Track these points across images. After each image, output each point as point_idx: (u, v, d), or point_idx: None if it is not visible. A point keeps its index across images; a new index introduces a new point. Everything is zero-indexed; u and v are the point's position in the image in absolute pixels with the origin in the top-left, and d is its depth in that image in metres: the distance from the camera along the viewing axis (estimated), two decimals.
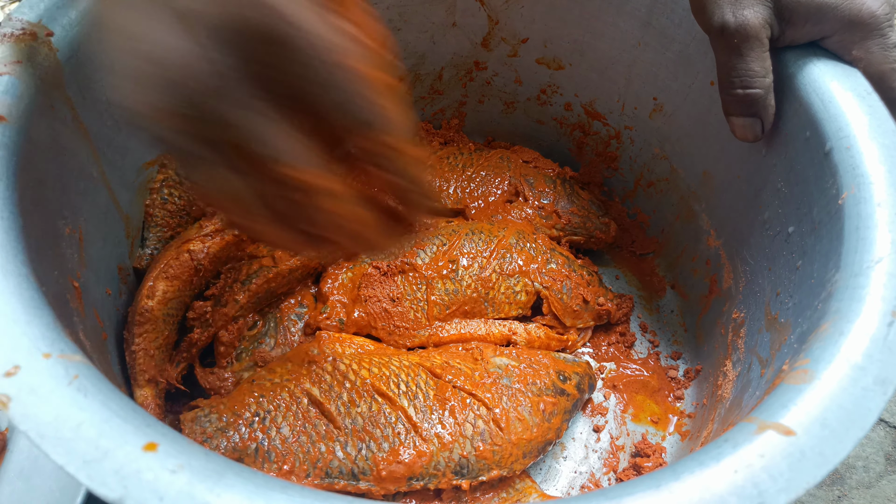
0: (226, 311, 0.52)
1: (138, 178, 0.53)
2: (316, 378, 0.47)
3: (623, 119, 0.65)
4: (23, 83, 0.37)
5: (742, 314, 0.51)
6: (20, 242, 0.33)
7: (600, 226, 0.65)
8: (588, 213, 0.65)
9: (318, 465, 0.44)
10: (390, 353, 0.51)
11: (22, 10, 0.40)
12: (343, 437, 0.45)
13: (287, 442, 0.44)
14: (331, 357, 0.49)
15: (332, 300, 0.54)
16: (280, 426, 0.45)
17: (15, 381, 0.27)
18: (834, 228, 0.38)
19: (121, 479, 0.25)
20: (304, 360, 0.49)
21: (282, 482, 0.26)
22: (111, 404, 0.27)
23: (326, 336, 0.51)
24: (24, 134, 0.36)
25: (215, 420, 0.45)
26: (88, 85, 0.44)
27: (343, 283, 0.54)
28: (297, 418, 0.45)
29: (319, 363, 0.48)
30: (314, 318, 0.53)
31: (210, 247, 0.52)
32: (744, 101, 0.44)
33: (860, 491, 0.59)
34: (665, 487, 0.27)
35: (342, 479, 0.44)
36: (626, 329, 0.62)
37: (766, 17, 0.42)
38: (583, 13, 0.60)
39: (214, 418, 0.45)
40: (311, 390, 0.46)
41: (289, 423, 0.45)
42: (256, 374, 0.49)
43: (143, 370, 0.48)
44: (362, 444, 0.45)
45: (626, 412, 0.58)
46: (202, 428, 0.45)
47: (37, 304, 0.30)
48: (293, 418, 0.45)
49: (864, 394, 0.30)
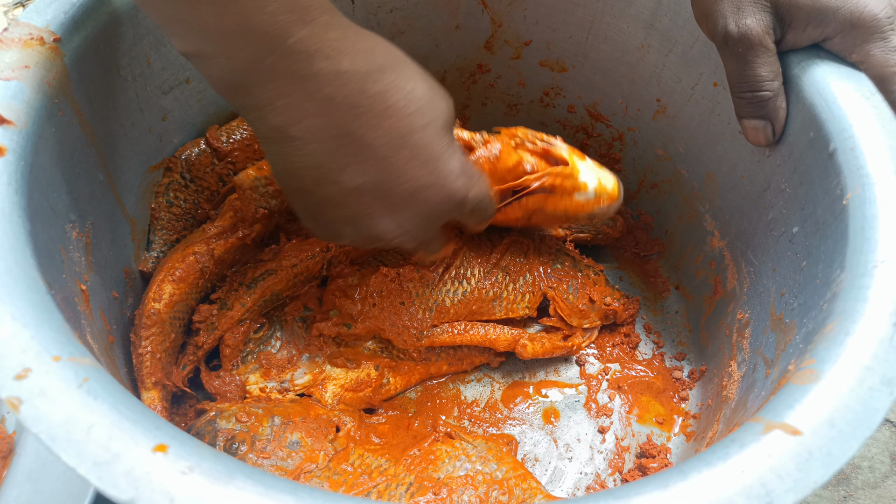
0: (231, 315, 0.52)
1: (144, 182, 0.54)
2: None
3: (626, 121, 0.65)
4: (30, 88, 0.38)
5: (747, 315, 0.51)
6: (29, 246, 0.33)
7: (607, 221, 0.65)
8: None
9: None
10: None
11: (29, 16, 0.41)
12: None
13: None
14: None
15: (339, 303, 0.54)
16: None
17: (25, 384, 0.27)
18: (838, 229, 0.38)
19: (132, 480, 0.25)
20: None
21: (291, 483, 0.26)
22: (121, 407, 0.27)
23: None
24: (31, 138, 0.37)
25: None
26: (95, 90, 0.44)
27: (351, 285, 0.54)
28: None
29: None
30: (320, 322, 0.54)
31: (216, 249, 0.53)
32: (753, 104, 0.44)
33: (866, 491, 0.59)
34: (673, 487, 0.27)
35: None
36: (630, 330, 0.62)
37: (768, 23, 0.42)
38: (586, 16, 0.60)
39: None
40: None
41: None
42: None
43: (150, 373, 0.48)
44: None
45: (631, 413, 0.58)
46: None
47: (46, 308, 0.30)
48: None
49: (870, 394, 0.30)
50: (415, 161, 0.36)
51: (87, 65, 0.43)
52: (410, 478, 0.47)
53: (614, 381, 0.59)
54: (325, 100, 0.33)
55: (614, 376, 0.60)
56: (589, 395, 0.58)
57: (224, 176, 0.58)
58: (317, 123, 0.34)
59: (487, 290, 0.56)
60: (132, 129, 0.50)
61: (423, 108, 0.36)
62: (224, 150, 0.57)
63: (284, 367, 0.53)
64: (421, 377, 0.57)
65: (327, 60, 0.32)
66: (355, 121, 0.34)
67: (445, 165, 0.37)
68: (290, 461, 0.46)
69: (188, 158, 0.56)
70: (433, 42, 0.65)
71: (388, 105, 0.34)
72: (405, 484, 0.46)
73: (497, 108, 0.72)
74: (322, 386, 0.53)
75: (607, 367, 0.60)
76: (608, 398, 0.58)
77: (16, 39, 0.39)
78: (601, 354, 0.61)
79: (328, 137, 0.34)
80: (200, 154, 0.56)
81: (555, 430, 0.56)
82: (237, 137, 0.57)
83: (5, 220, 0.32)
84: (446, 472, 0.47)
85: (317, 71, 0.32)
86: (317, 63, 0.32)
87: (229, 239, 0.53)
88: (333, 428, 0.49)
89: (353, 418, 0.51)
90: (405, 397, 0.57)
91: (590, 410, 0.57)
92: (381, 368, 0.55)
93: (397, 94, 0.34)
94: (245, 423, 0.47)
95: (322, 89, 0.33)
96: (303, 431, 0.48)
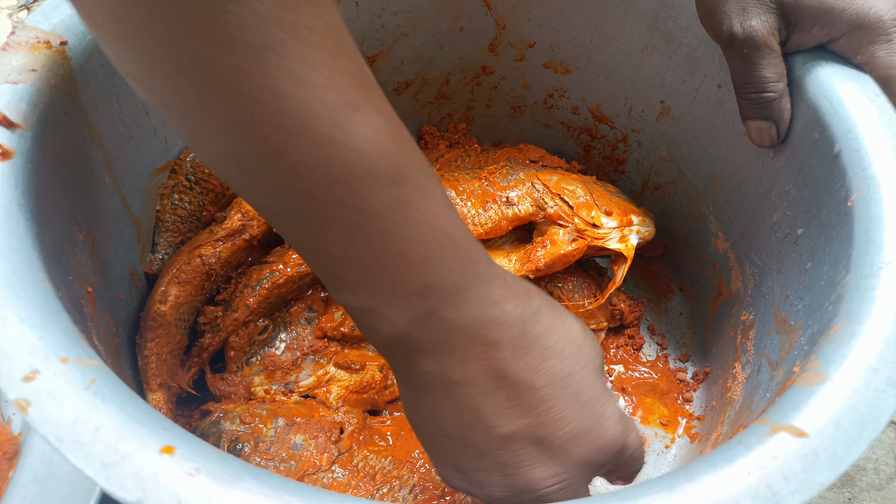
0: (236, 316, 0.52)
1: (149, 184, 0.54)
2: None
3: (630, 122, 0.65)
4: (37, 91, 0.38)
5: (751, 316, 0.51)
6: (36, 248, 0.33)
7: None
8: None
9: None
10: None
11: (36, 19, 0.41)
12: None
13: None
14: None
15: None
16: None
17: (33, 385, 0.27)
18: (843, 230, 0.38)
19: (139, 481, 0.25)
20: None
21: (298, 485, 0.26)
22: (128, 408, 0.27)
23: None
24: (38, 141, 0.37)
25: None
26: (100, 92, 0.44)
27: None
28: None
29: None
30: (325, 324, 0.54)
31: (222, 251, 0.53)
32: (757, 105, 0.44)
33: (871, 493, 0.59)
34: (679, 489, 0.27)
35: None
36: (634, 332, 0.62)
37: (773, 24, 0.42)
38: (589, 17, 0.60)
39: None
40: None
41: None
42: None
43: (156, 374, 0.48)
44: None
45: (636, 415, 0.58)
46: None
47: (53, 310, 0.30)
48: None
49: (876, 395, 0.30)
50: (576, 403, 0.34)
51: (92, 68, 0.43)
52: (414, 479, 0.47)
53: (618, 382, 0.59)
54: (490, 344, 0.32)
55: (618, 378, 0.60)
56: None
57: None
58: (477, 367, 0.33)
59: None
60: (137, 132, 0.50)
61: (581, 348, 0.35)
62: None
63: (289, 368, 0.53)
64: None
65: (494, 307, 0.32)
66: (516, 363, 0.33)
67: (605, 409, 0.35)
68: (293, 463, 0.46)
69: (193, 161, 0.56)
70: (437, 44, 0.65)
71: (548, 346, 0.33)
72: (409, 485, 0.46)
73: (501, 110, 0.72)
74: (326, 387, 0.53)
75: (611, 368, 0.60)
76: None
77: (23, 43, 0.39)
78: (605, 356, 0.61)
79: (487, 380, 0.33)
80: None
81: None
82: None
83: (12, 223, 0.32)
84: None
85: (487, 319, 0.32)
86: (486, 311, 0.32)
87: (236, 241, 0.53)
88: (337, 429, 0.49)
89: (357, 420, 0.51)
90: None
91: None
92: (386, 370, 0.55)
93: (556, 334, 0.34)
94: (249, 425, 0.48)
95: (489, 335, 0.32)
96: (307, 433, 0.48)
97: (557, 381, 0.33)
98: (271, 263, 0.54)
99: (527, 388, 0.33)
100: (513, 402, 0.33)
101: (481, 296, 0.32)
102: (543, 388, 0.33)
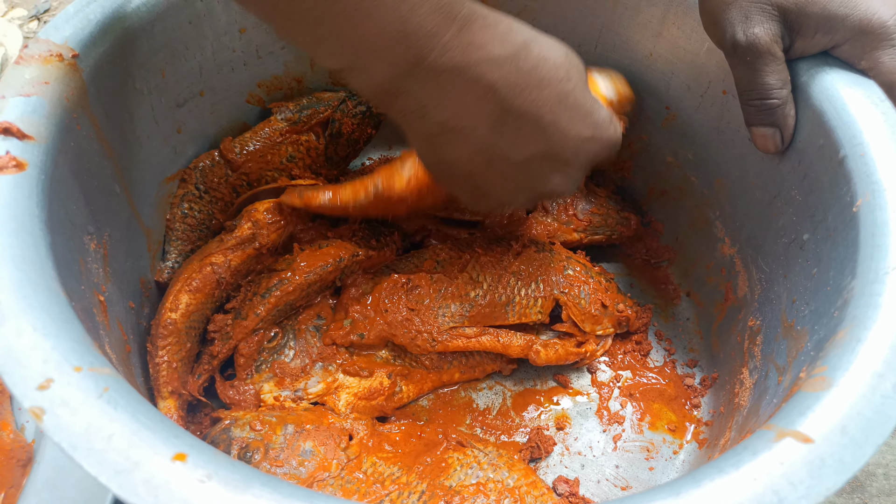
0: (246, 324, 0.53)
1: (159, 193, 0.54)
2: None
3: (636, 129, 0.66)
4: (50, 103, 0.38)
5: (758, 322, 0.51)
6: (49, 258, 0.33)
7: (621, 220, 0.65)
8: (608, 210, 0.65)
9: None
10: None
11: (48, 32, 0.42)
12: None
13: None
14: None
15: (352, 311, 0.54)
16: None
17: (48, 394, 0.27)
18: (849, 236, 0.38)
19: (151, 488, 0.25)
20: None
21: (307, 491, 0.26)
22: (140, 416, 0.28)
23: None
24: (51, 152, 0.37)
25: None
26: (112, 103, 0.45)
27: (364, 293, 0.55)
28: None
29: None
30: (333, 331, 0.54)
31: (232, 260, 0.53)
32: (762, 112, 0.45)
33: (881, 499, 0.59)
34: (685, 494, 0.27)
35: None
36: (642, 338, 0.62)
37: (776, 31, 0.42)
38: (594, 24, 0.60)
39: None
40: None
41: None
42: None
43: (167, 382, 0.49)
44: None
45: (643, 420, 0.58)
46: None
47: (66, 318, 0.31)
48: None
49: (883, 401, 0.30)
50: (575, 119, 0.39)
51: (104, 79, 0.44)
52: (423, 486, 0.47)
53: (626, 388, 0.59)
54: (487, 87, 0.36)
55: (626, 384, 0.60)
56: (601, 403, 0.58)
57: (237, 187, 0.59)
58: (481, 109, 0.37)
59: (500, 295, 0.56)
60: (148, 142, 0.51)
61: (569, 71, 0.39)
62: (237, 162, 0.57)
63: (298, 375, 0.53)
64: (433, 385, 0.57)
65: (481, 50, 0.35)
66: (517, 98, 0.37)
67: (598, 116, 0.41)
68: (303, 469, 0.47)
69: (202, 170, 0.57)
70: None
71: (541, 77, 0.37)
72: (417, 492, 0.46)
73: None
74: (335, 394, 0.53)
75: (619, 374, 0.60)
76: (620, 405, 0.58)
77: (35, 56, 0.40)
78: (612, 362, 0.61)
79: (494, 120, 0.37)
80: (214, 165, 0.57)
81: (566, 438, 0.56)
82: (250, 149, 0.58)
83: (26, 233, 0.33)
84: (458, 479, 0.47)
85: (475, 61, 0.35)
86: (473, 54, 0.35)
87: (246, 250, 0.54)
88: (346, 436, 0.50)
89: (365, 426, 0.51)
90: (417, 405, 0.57)
91: (601, 418, 0.58)
92: (394, 377, 0.55)
93: (546, 65, 0.37)
94: (259, 432, 0.48)
95: (483, 77, 0.35)
96: (316, 440, 0.48)
97: (556, 106, 0.38)
98: (280, 272, 0.54)
99: (531, 119, 0.38)
100: (522, 132, 0.38)
101: (462, 40, 0.34)
102: (546, 116, 0.38)
